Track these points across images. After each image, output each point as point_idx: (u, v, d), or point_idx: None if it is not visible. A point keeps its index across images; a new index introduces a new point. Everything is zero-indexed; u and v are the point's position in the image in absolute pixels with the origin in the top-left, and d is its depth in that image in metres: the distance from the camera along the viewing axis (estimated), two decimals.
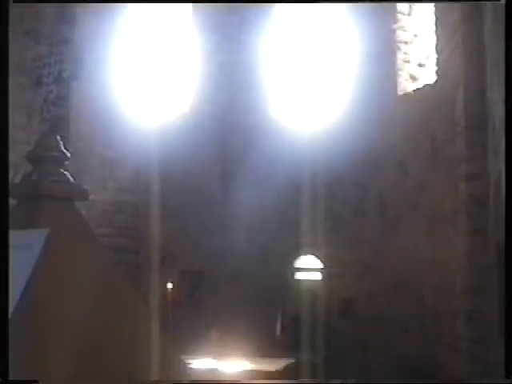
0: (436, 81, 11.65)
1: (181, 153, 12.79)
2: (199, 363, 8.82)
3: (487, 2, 8.82)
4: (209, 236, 12.89)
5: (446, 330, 10.82)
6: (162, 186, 12.33)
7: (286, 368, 9.48)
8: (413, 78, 12.56)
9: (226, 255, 12.82)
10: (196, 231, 12.92)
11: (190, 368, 5.67)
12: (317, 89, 13.82)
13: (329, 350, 11.69)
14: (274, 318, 12.65)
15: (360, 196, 12.63)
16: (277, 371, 8.95)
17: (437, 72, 11.61)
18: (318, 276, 12.96)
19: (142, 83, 13.64)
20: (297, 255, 13.06)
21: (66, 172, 4.90)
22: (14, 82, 4.31)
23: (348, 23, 13.18)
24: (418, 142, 11.85)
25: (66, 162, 4.94)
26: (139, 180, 12.83)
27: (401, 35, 12.68)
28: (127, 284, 5.07)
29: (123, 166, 12.70)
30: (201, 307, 12.47)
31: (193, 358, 8.55)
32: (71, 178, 4.94)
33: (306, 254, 12.98)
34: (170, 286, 11.94)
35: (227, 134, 13.26)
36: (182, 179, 12.90)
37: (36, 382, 3.60)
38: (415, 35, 12.74)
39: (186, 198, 12.98)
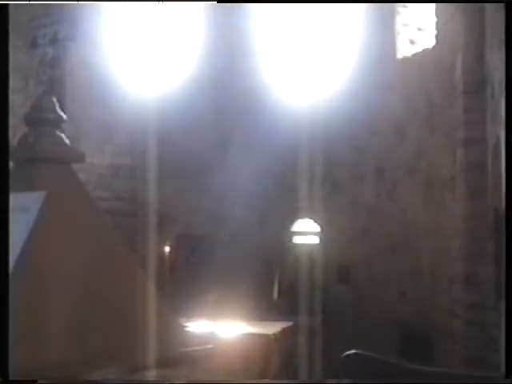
0: (435, 45, 11.58)
1: (179, 116, 12.74)
2: (196, 326, 8.87)
3: None
4: (207, 200, 12.89)
5: (442, 294, 10.88)
6: (160, 150, 12.28)
7: (282, 331, 9.55)
8: (412, 42, 12.48)
9: (224, 219, 12.84)
10: (194, 195, 12.91)
11: (187, 330, 5.70)
12: (316, 53, 13.73)
13: (326, 313, 11.76)
14: (271, 281, 12.71)
15: (357, 160, 12.61)
16: (274, 334, 9.01)
17: (436, 36, 11.53)
18: (315, 240, 12.99)
19: (140, 47, 13.50)
20: (294, 219, 13.08)
21: (62, 134, 4.89)
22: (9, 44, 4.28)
23: None
24: (416, 107, 11.83)
25: (63, 124, 4.93)
26: (137, 144, 12.78)
27: None
28: (124, 247, 5.08)
29: (120, 129, 12.64)
30: (198, 271, 12.52)
31: (190, 321, 8.60)
32: (67, 141, 4.92)
33: (303, 217, 12.99)
34: (167, 249, 11.98)
35: (225, 98, 13.19)
36: (180, 143, 12.85)
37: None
38: None
39: (183, 161, 12.95)
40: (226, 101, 13.19)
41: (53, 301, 4.13)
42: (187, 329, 5.95)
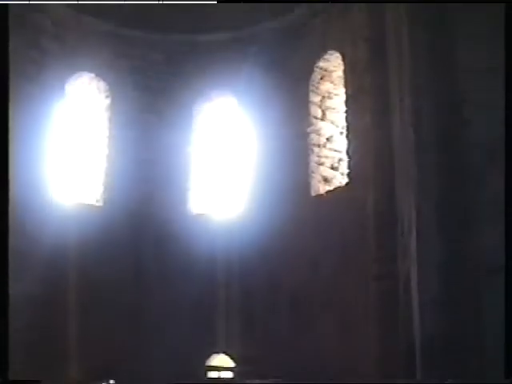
0: (347, 183, 11.98)
1: (94, 247, 12.65)
2: None
3: (395, 109, 9.21)
4: (118, 334, 12.62)
5: None
6: (75, 280, 12.14)
7: None
8: (325, 180, 12.86)
9: (136, 356, 12.56)
10: (106, 330, 12.61)
11: None
12: (232, 188, 14.06)
13: None
14: None
15: (273, 293, 12.67)
16: None
17: (348, 174, 11.96)
18: (229, 375, 12.82)
19: (55, 175, 13.46)
20: (209, 354, 12.92)
21: None
22: None
23: (264, 128, 13.53)
24: (329, 242, 12.03)
25: None
26: (52, 273, 12.57)
27: (314, 138, 13.05)
28: None
29: (35, 258, 12.45)
30: None
31: None
32: None
33: (218, 352, 12.86)
34: None
35: (141, 228, 13.22)
36: (94, 273, 12.67)
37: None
38: (328, 139, 13.12)
39: (98, 291, 12.72)
40: (141, 231, 13.21)
41: None
42: None
